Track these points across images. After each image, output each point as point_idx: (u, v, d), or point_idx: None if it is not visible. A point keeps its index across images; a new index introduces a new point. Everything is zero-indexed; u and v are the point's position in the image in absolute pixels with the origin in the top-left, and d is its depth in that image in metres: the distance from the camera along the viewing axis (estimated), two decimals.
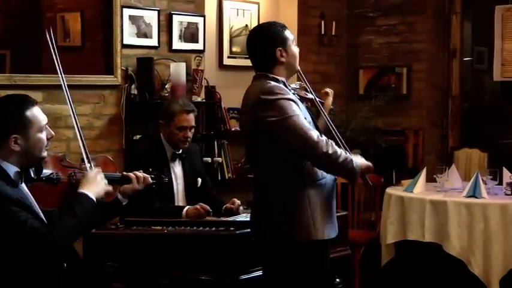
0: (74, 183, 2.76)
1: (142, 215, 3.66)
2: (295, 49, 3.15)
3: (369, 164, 3.11)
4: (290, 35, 3.14)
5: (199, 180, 4.24)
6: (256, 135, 3.07)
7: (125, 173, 2.95)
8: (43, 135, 2.67)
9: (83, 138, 2.91)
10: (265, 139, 3.03)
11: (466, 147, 6.27)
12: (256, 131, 3.06)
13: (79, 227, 2.61)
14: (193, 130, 4.17)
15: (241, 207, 4.10)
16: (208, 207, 3.94)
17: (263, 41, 3.13)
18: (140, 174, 2.95)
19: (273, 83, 3.06)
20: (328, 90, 3.55)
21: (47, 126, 2.70)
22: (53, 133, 2.73)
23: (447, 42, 6.57)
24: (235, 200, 4.13)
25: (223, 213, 4.04)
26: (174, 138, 4.11)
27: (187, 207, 3.97)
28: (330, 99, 3.52)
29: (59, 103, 4.60)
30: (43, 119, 2.68)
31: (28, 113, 2.62)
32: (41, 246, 2.51)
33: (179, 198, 4.12)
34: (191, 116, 4.14)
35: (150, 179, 3.00)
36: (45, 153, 2.70)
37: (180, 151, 4.16)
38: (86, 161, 2.84)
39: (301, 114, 2.98)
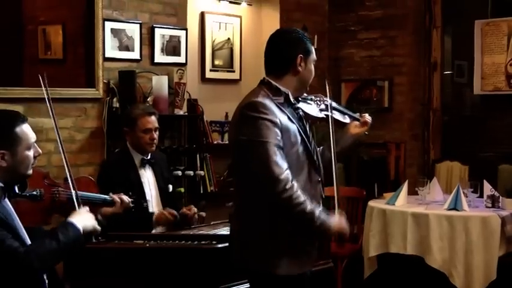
0: (57, 202, 2.75)
1: (117, 228, 3.63)
2: (313, 68, 2.98)
3: (343, 227, 2.86)
4: (314, 53, 2.99)
5: (170, 186, 4.23)
6: (233, 150, 2.92)
7: (111, 194, 2.95)
8: (30, 153, 2.65)
9: (70, 171, 2.86)
10: (237, 156, 2.88)
11: (447, 160, 6.31)
12: (233, 145, 2.92)
13: (59, 253, 2.56)
14: (158, 132, 4.16)
15: (196, 215, 4.09)
16: (174, 212, 3.96)
17: (290, 42, 2.94)
18: (125, 198, 2.96)
19: (264, 98, 2.83)
20: (367, 118, 3.28)
21: (35, 144, 2.68)
22: (40, 151, 2.72)
23: (428, 56, 6.62)
24: (192, 206, 4.13)
25: (179, 218, 4.03)
26: (141, 142, 4.09)
27: (156, 213, 3.96)
28: (362, 129, 3.26)
29: (40, 116, 4.57)
30: (32, 136, 2.66)
31: (18, 129, 2.61)
32: (16, 266, 2.46)
33: (153, 204, 4.09)
34: (153, 118, 4.14)
35: (130, 203, 3.00)
36: (30, 171, 2.68)
37: (149, 156, 4.15)
38: (75, 203, 2.81)
39: (275, 141, 2.72)
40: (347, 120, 3.26)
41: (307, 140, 2.91)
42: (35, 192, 2.74)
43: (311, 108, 3.08)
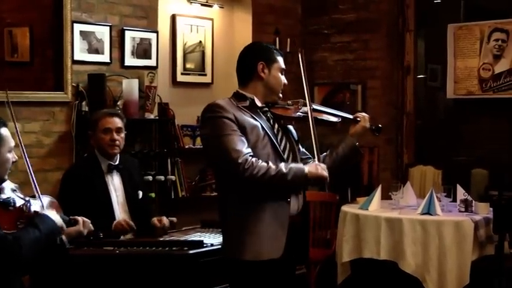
0: (26, 212, 2.73)
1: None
2: (280, 75, 3.23)
3: (322, 173, 3.10)
4: (281, 62, 3.25)
5: (140, 192, 4.21)
6: (204, 153, 3.23)
7: (71, 217, 2.95)
8: (10, 156, 2.66)
9: (36, 183, 2.85)
10: (206, 155, 3.20)
11: (421, 165, 6.35)
12: (203, 148, 3.26)
13: (42, 242, 2.58)
14: (122, 135, 4.13)
15: (167, 225, 4.07)
16: (132, 224, 3.92)
17: (250, 53, 3.25)
18: (86, 219, 2.96)
19: (223, 101, 3.12)
20: (360, 114, 3.40)
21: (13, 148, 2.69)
22: (16, 157, 2.72)
23: (401, 59, 6.66)
24: (164, 218, 4.10)
25: (149, 228, 4.02)
26: (102, 144, 4.06)
27: (116, 221, 3.93)
28: (360, 126, 3.35)
29: (7, 120, 4.50)
30: (12, 140, 2.69)
31: (2, 131, 2.63)
32: (4, 252, 2.47)
33: (120, 211, 4.06)
34: (115, 119, 4.12)
35: (91, 226, 3.01)
36: (6, 176, 2.67)
37: (117, 162, 4.12)
38: (40, 201, 2.81)
39: (231, 132, 3.00)
40: (335, 119, 3.34)
41: (273, 136, 3.14)
42: (8, 199, 2.72)
43: (286, 111, 3.28)
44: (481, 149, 6.40)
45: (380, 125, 3.44)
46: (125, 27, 5.48)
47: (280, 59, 3.25)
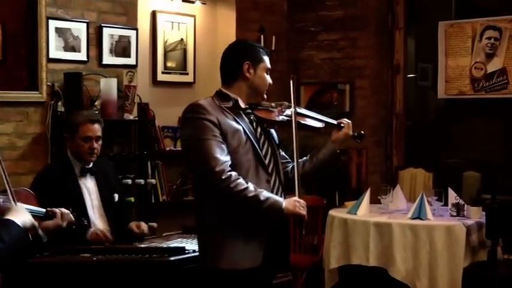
0: None
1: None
2: (265, 75, 3.24)
3: (299, 212, 3.08)
4: (267, 61, 3.26)
5: (116, 196, 4.19)
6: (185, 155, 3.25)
7: (49, 208, 2.91)
8: None
9: (6, 173, 2.83)
10: (186, 157, 3.22)
11: (411, 167, 6.36)
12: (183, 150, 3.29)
13: (6, 253, 2.54)
14: (100, 142, 4.13)
15: (145, 231, 4.05)
16: (108, 236, 3.90)
17: (235, 51, 3.27)
18: (64, 210, 2.93)
19: (206, 101, 3.12)
20: (344, 120, 3.46)
21: None
22: None
23: (390, 58, 6.68)
24: (143, 224, 4.09)
25: (126, 234, 4.01)
26: (80, 151, 4.05)
27: (90, 230, 3.91)
28: (342, 133, 3.41)
29: None
30: None
31: None
32: None
33: (95, 215, 4.04)
34: (96, 126, 4.12)
35: (72, 217, 2.97)
36: None
37: (90, 165, 4.10)
38: (10, 197, 2.77)
39: (212, 137, 3.01)
40: (319, 124, 3.39)
41: (256, 141, 3.14)
42: None
43: (270, 114, 3.29)
44: (473, 151, 6.43)
45: (362, 132, 3.52)
46: (103, 24, 5.45)
47: (266, 59, 3.26)
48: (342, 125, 3.41)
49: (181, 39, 6.35)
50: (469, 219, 4.75)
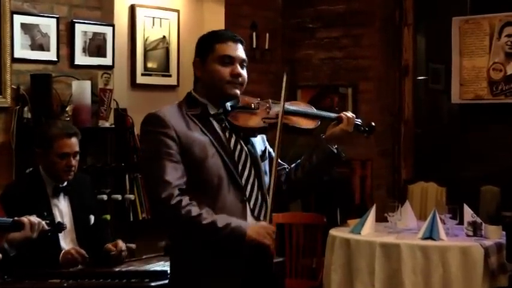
0: None
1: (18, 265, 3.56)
2: (218, 67, 3.03)
3: (263, 241, 2.88)
4: (222, 48, 3.04)
5: (92, 217, 4.17)
6: None
7: (16, 218, 2.89)
8: None
9: None
10: None
11: (421, 181, 6.37)
12: None
13: None
14: (77, 158, 4.11)
15: (124, 252, 4.04)
16: (83, 252, 3.88)
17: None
18: (34, 219, 2.90)
19: (168, 109, 3.02)
20: (345, 114, 3.19)
21: None
22: None
23: (398, 58, 6.70)
24: (120, 242, 4.07)
25: (103, 255, 3.99)
26: (55, 168, 4.03)
27: (63, 251, 3.89)
28: (338, 128, 3.15)
29: None
30: None
31: None
32: None
33: (67, 241, 4.01)
34: (74, 141, 4.09)
35: (45, 224, 2.94)
36: None
37: (65, 183, 4.09)
38: None
39: (165, 156, 2.88)
40: (310, 125, 3.15)
41: (226, 153, 2.98)
42: None
43: (249, 118, 3.10)
44: (492, 163, 6.43)
45: (373, 124, 3.30)
46: (74, 20, 5.45)
47: (218, 46, 3.05)
48: (340, 118, 3.15)
49: (164, 36, 6.35)
50: (487, 240, 4.75)
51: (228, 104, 3.08)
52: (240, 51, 3.08)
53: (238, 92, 3.06)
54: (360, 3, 6.84)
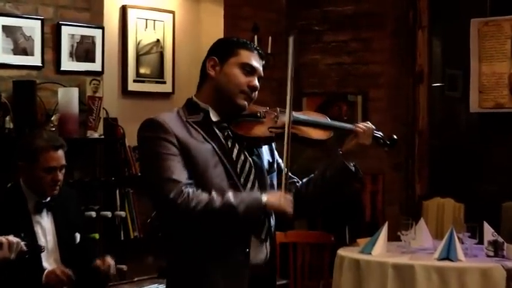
0: None
1: None
2: (237, 71, 3.06)
3: (283, 207, 2.95)
4: (244, 55, 3.08)
5: (78, 236, 4.16)
6: None
7: None
8: None
9: None
10: None
11: (437, 196, 6.36)
12: None
13: None
14: (63, 171, 4.11)
15: (113, 269, 4.04)
16: (69, 272, 3.88)
17: (210, 47, 3.17)
18: (12, 239, 2.89)
19: (167, 115, 3.04)
20: (361, 126, 3.22)
21: None
22: None
23: (412, 63, 6.69)
24: (108, 258, 4.08)
25: (91, 274, 3.99)
26: (40, 184, 4.04)
27: (47, 271, 3.88)
28: (355, 142, 3.17)
29: None
30: None
31: None
32: None
33: (50, 261, 4.00)
34: (60, 153, 4.10)
35: (23, 245, 2.93)
36: None
37: (48, 199, 4.08)
38: None
39: (167, 157, 2.92)
40: (323, 136, 3.14)
41: (230, 163, 3.02)
42: None
43: (254, 127, 3.12)
44: None
45: (395, 137, 3.32)
46: (61, 22, 5.45)
47: (243, 52, 3.09)
48: (357, 130, 3.16)
49: (158, 40, 6.35)
50: (510, 261, 4.73)
51: None
52: (261, 67, 3.14)
53: (246, 105, 3.09)
54: (370, 4, 6.84)
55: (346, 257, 4.99)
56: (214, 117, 3.06)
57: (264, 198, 2.92)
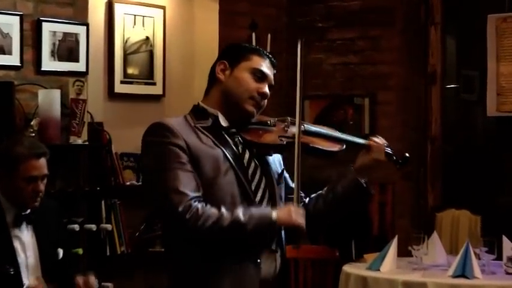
0: None
1: None
2: (248, 76, 3.15)
3: (295, 221, 3.00)
4: (256, 60, 3.18)
5: (61, 251, 4.16)
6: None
7: None
8: None
9: None
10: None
11: (452, 208, 6.35)
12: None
13: None
14: (45, 181, 4.10)
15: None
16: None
17: (220, 53, 3.31)
18: None
19: (174, 120, 3.10)
20: (375, 140, 3.32)
21: None
22: None
23: (424, 63, 6.69)
24: (92, 278, 4.07)
25: None
26: (20, 194, 4.02)
27: (26, 285, 3.88)
28: (368, 157, 3.27)
29: None
30: None
31: None
32: None
33: (31, 277, 3.99)
34: (42, 162, 4.08)
35: None
36: None
37: (28, 211, 4.07)
38: None
39: (177, 166, 2.97)
40: (334, 147, 3.23)
41: (241, 169, 3.10)
42: None
43: (264, 134, 3.20)
44: None
45: (407, 155, 3.40)
46: (41, 18, 5.46)
47: (255, 58, 3.20)
48: (371, 145, 3.27)
49: (147, 37, 6.34)
50: None
51: None
52: (272, 75, 3.24)
53: (255, 112, 3.18)
54: None
55: (353, 273, 4.98)
56: (223, 123, 3.16)
57: (274, 214, 2.99)
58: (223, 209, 2.95)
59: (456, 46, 7.10)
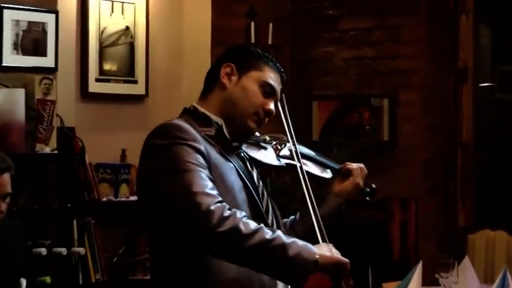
0: None
1: None
2: (255, 88, 3.17)
3: (340, 259, 3.00)
4: (268, 73, 3.22)
5: (24, 281, 4.18)
6: (142, 203, 3.10)
7: None
8: None
9: None
10: (151, 209, 3.07)
11: (487, 229, 6.34)
12: (140, 196, 3.15)
13: None
14: (8, 199, 4.13)
15: None
16: None
17: (225, 53, 3.30)
18: None
19: (183, 122, 3.07)
20: (350, 165, 3.50)
21: None
22: None
23: (453, 58, 6.69)
24: None
25: None
26: None
27: None
28: (347, 183, 3.47)
29: None
30: None
31: None
32: None
33: None
34: (6, 178, 4.12)
35: None
36: None
37: None
38: None
39: (199, 167, 2.93)
40: (327, 174, 3.41)
41: (254, 187, 3.14)
42: None
43: (263, 153, 3.29)
44: None
45: (374, 186, 3.56)
46: (3, 4, 5.48)
47: (268, 69, 3.23)
48: (349, 169, 3.45)
49: (127, 27, 6.35)
50: None
51: None
52: (279, 94, 3.29)
53: (256, 130, 3.23)
54: None
55: None
56: (227, 134, 3.18)
57: (317, 252, 2.93)
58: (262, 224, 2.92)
59: (491, 38, 7.10)
